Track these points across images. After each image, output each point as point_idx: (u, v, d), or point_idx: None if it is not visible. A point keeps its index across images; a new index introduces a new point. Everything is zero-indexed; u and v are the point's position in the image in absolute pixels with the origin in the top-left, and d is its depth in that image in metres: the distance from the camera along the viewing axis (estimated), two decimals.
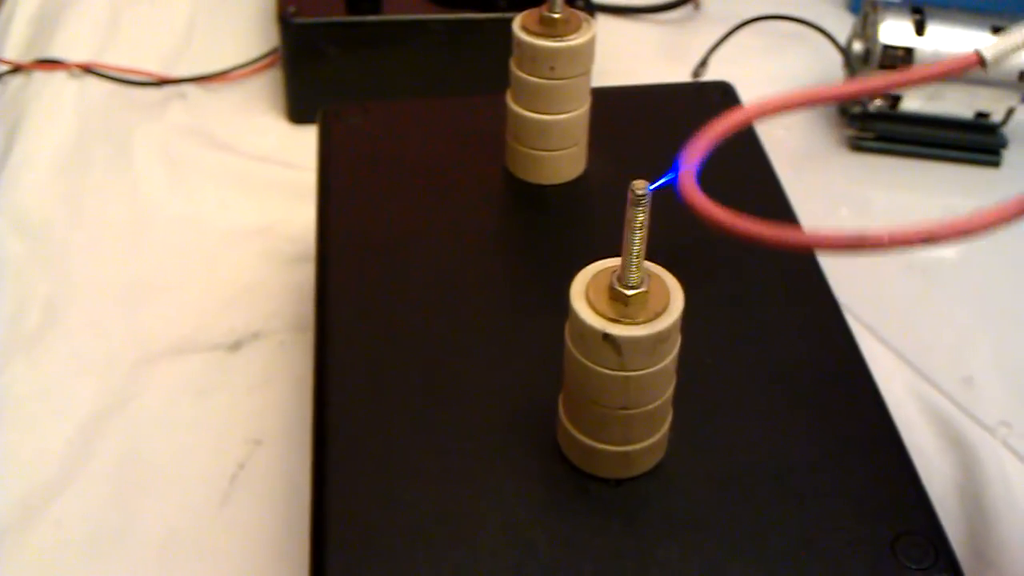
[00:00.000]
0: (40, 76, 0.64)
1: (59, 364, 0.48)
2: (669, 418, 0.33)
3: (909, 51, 0.59)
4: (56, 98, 0.63)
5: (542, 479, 0.33)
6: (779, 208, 0.44)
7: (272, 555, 0.42)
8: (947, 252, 0.58)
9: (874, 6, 0.60)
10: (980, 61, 0.28)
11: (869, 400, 0.37)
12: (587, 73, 0.42)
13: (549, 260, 0.41)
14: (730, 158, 0.46)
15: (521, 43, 0.41)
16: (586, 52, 0.41)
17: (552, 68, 0.41)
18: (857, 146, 0.62)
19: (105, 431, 0.46)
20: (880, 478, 0.34)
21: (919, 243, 0.26)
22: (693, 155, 0.29)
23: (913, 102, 0.60)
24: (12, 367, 0.48)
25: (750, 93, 0.51)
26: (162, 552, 0.41)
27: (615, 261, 0.30)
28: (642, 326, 0.29)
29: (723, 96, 0.49)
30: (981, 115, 0.60)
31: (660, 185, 0.29)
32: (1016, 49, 0.29)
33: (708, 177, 0.45)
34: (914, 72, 0.29)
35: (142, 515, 0.43)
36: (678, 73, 0.67)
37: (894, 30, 0.59)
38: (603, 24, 0.71)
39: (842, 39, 0.64)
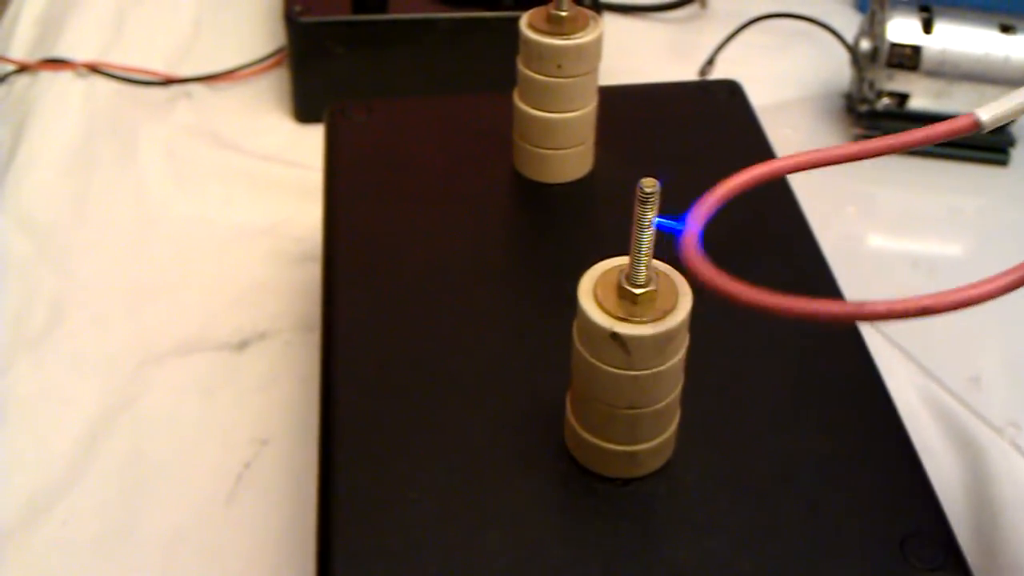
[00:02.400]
0: (46, 76, 0.64)
1: (64, 364, 0.48)
2: (677, 417, 0.33)
3: (916, 49, 0.58)
4: (62, 98, 0.63)
5: (549, 479, 0.33)
6: (786, 207, 0.44)
7: (278, 555, 0.41)
8: (954, 251, 0.58)
9: (882, 4, 0.60)
10: (977, 124, 0.29)
11: (877, 400, 0.36)
12: (594, 71, 0.42)
13: (556, 259, 0.41)
14: (738, 158, 0.47)
15: (528, 41, 0.41)
16: (593, 50, 0.41)
17: (559, 66, 0.41)
18: None
19: (111, 431, 0.46)
20: (889, 478, 0.34)
21: (915, 314, 0.26)
22: (701, 213, 0.28)
23: (921, 101, 0.60)
24: (17, 367, 0.48)
25: (757, 91, 0.51)
26: (168, 551, 0.41)
27: (623, 260, 0.30)
28: (650, 325, 0.29)
29: (730, 95, 0.49)
30: None
31: (665, 228, 0.28)
32: (1017, 114, 0.29)
33: (716, 177, 0.45)
34: (914, 135, 0.29)
35: (148, 515, 0.43)
36: (685, 71, 0.67)
37: (902, 28, 0.59)
38: (610, 22, 0.71)
39: (849, 37, 0.63)
